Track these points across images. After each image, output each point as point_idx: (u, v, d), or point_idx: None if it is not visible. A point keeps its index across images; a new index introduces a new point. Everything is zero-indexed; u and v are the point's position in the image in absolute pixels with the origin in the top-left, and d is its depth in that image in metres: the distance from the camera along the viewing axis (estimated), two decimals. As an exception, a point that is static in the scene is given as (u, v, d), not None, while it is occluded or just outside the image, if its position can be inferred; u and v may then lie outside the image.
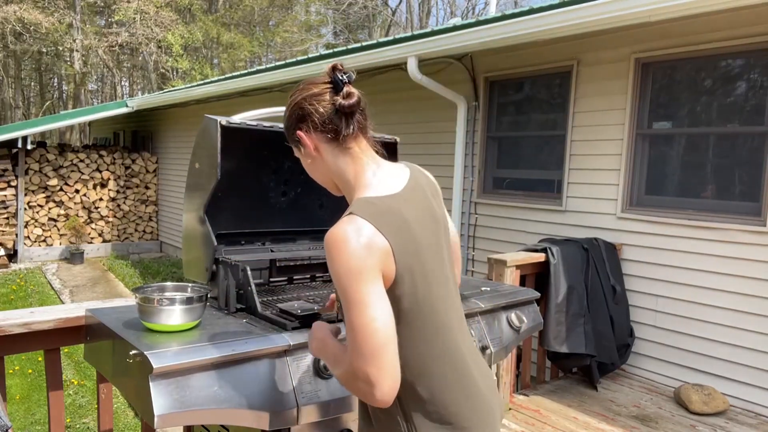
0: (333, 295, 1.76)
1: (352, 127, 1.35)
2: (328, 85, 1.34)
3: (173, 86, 18.58)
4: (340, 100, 1.33)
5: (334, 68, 1.34)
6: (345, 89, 1.33)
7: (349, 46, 6.68)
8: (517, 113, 5.54)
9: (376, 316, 1.19)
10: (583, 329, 3.96)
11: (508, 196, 5.47)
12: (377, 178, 1.37)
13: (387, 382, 1.19)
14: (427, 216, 1.38)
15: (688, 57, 4.18)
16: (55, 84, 30.20)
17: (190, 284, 2.07)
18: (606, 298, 4.17)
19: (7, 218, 10.56)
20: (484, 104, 5.66)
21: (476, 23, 4.80)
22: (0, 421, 1.50)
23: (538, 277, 4.08)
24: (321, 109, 1.34)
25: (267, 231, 2.62)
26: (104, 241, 11.87)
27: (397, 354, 1.23)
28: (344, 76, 1.33)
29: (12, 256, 10.86)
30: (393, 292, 1.27)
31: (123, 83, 28.82)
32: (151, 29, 19.74)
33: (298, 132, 1.38)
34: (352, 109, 1.34)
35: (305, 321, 1.91)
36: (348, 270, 1.19)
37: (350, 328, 1.20)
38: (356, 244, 1.20)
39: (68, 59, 22.80)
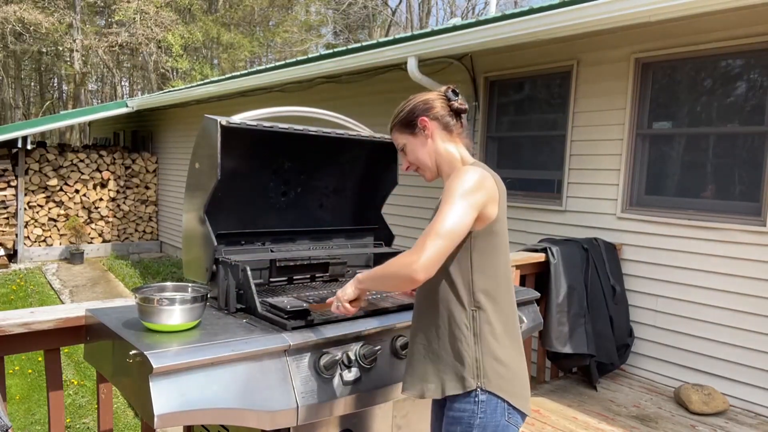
0: (330, 299, 1.86)
1: (459, 124, 1.83)
2: (443, 97, 1.83)
3: (173, 86, 18.57)
4: (456, 104, 1.82)
5: (449, 88, 1.85)
6: (460, 98, 1.83)
7: (349, 46, 6.68)
8: (517, 113, 5.54)
9: (456, 221, 1.59)
10: (584, 329, 3.96)
11: (509, 196, 5.43)
12: (477, 161, 1.82)
13: (429, 257, 1.55)
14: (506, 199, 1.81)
15: (688, 57, 4.18)
16: (55, 84, 30.19)
17: (190, 284, 2.07)
18: (606, 298, 4.17)
19: (7, 218, 10.56)
20: (484, 104, 5.66)
21: (476, 23, 4.80)
22: (0, 421, 1.50)
23: (538, 277, 4.08)
24: (440, 107, 1.81)
25: (267, 231, 2.62)
26: (104, 241, 11.87)
27: (445, 256, 1.59)
28: (456, 92, 1.84)
29: (12, 256, 10.86)
30: (492, 227, 1.69)
31: (123, 83, 28.81)
32: (151, 29, 19.73)
33: (423, 117, 1.80)
34: (464, 111, 1.84)
35: (296, 316, 1.96)
36: (462, 188, 1.62)
37: (437, 215, 1.61)
38: (477, 178, 1.65)
39: (68, 59, 22.79)
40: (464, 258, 1.68)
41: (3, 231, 10.53)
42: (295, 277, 2.61)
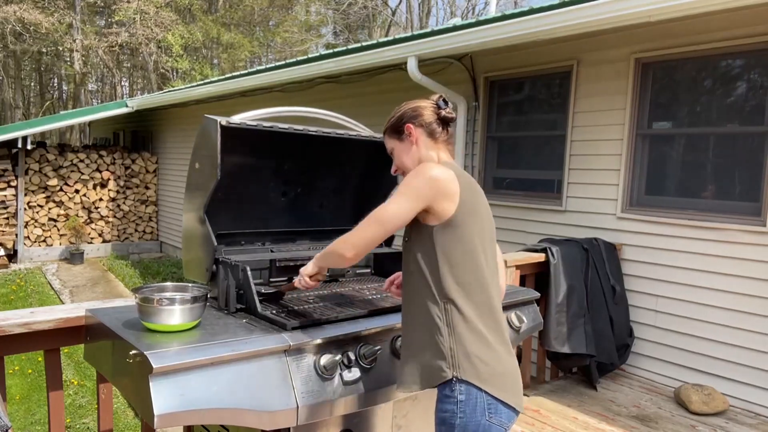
0: (295, 279, 2.06)
1: (445, 132, 1.92)
2: (434, 104, 1.91)
3: (173, 86, 18.57)
4: (443, 112, 1.90)
5: (440, 97, 1.93)
6: (449, 108, 1.92)
7: (349, 46, 6.68)
8: (517, 113, 5.54)
9: (392, 211, 1.73)
10: (584, 329, 3.96)
11: (508, 196, 5.47)
12: (453, 163, 1.91)
13: (359, 239, 1.76)
14: (485, 201, 1.86)
15: (688, 57, 4.18)
16: (55, 84, 30.17)
17: (190, 284, 2.07)
18: (606, 298, 4.17)
19: (7, 218, 10.56)
20: (484, 104, 5.66)
21: (476, 23, 4.80)
22: (0, 421, 1.51)
23: (538, 277, 4.08)
24: (428, 114, 1.90)
25: (267, 231, 2.62)
26: (104, 241, 11.87)
27: (377, 241, 1.76)
28: (446, 102, 1.93)
29: (12, 256, 10.86)
30: (451, 222, 1.73)
31: (123, 83, 28.79)
32: (151, 29, 19.72)
33: (409, 124, 1.89)
34: (451, 120, 1.92)
35: (269, 298, 2.16)
36: (415, 183, 1.72)
37: (381, 205, 1.76)
38: (428, 175, 1.72)
39: (68, 59, 22.80)
40: (431, 253, 1.75)
41: (3, 231, 10.53)
42: (295, 277, 2.61)
